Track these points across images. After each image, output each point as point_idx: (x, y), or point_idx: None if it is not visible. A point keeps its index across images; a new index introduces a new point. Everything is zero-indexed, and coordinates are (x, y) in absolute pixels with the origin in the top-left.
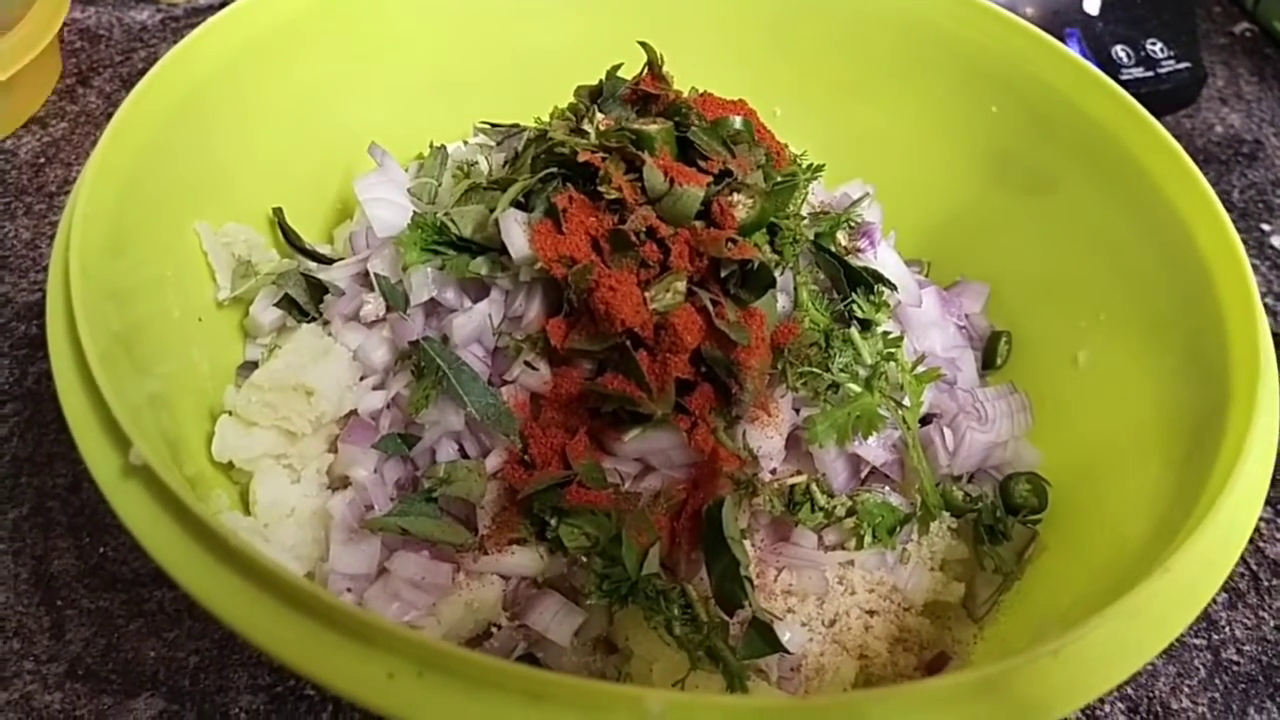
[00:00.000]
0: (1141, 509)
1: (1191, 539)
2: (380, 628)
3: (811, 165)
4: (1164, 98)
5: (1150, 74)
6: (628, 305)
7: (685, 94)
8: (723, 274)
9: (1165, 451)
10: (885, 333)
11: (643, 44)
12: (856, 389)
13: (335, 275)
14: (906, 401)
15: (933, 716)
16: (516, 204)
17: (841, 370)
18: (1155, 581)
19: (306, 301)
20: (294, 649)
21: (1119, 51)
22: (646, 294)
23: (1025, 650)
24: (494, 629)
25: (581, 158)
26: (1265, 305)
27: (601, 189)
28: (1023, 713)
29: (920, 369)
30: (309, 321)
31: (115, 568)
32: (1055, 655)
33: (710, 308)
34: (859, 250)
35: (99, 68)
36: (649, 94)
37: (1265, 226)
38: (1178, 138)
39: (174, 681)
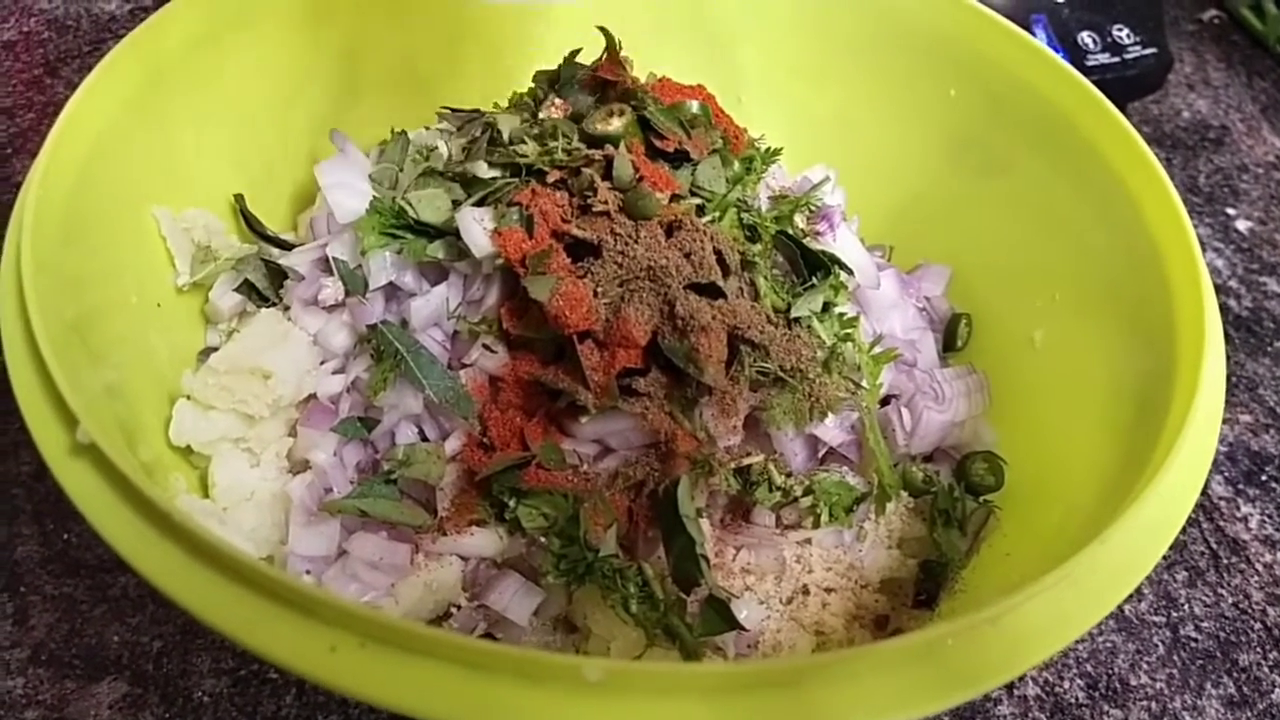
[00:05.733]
0: (1090, 482)
1: (1132, 509)
2: (322, 600)
3: (769, 149)
4: (1130, 83)
5: (1116, 60)
6: (577, 313)
7: (643, 79)
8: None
9: (1113, 424)
10: (841, 314)
11: (601, 29)
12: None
13: (295, 260)
14: (864, 382)
15: (871, 683)
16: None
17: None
18: (1093, 551)
19: (266, 287)
20: (235, 621)
21: (1085, 38)
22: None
23: (965, 618)
24: (454, 609)
25: (551, 177)
26: (1229, 288)
27: (573, 188)
28: (962, 679)
29: (878, 350)
30: (269, 306)
31: (79, 554)
32: (994, 623)
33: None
34: (818, 234)
35: (67, 58)
36: (607, 80)
37: (1230, 210)
38: (1145, 123)
39: (137, 666)
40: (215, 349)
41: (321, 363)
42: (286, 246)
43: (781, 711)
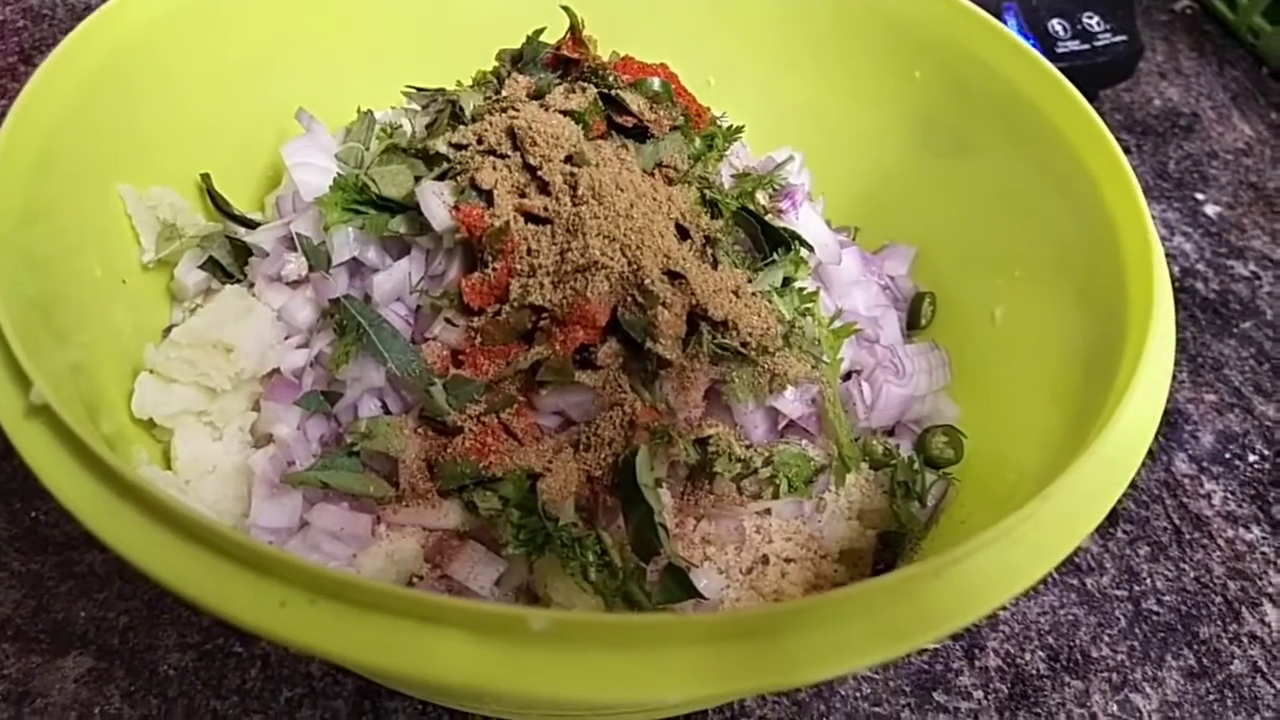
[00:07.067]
0: (1043, 448)
1: (1075, 466)
2: (273, 557)
3: (731, 126)
4: (1101, 70)
5: (1087, 47)
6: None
7: (606, 58)
8: None
9: (1065, 392)
10: (801, 289)
11: (564, 8)
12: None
13: (260, 237)
14: (825, 357)
15: (814, 636)
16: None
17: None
18: (1036, 506)
19: (231, 264)
20: (186, 578)
21: (1055, 25)
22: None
23: (906, 569)
24: (415, 580)
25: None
26: (1197, 271)
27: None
28: (903, 630)
29: (837, 324)
30: (234, 283)
31: (46, 531)
32: (937, 575)
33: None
34: (780, 211)
35: (42, 47)
36: (569, 58)
37: (1199, 195)
38: (1117, 110)
39: (103, 640)
40: None
41: (285, 338)
42: (252, 225)
43: (727, 662)
